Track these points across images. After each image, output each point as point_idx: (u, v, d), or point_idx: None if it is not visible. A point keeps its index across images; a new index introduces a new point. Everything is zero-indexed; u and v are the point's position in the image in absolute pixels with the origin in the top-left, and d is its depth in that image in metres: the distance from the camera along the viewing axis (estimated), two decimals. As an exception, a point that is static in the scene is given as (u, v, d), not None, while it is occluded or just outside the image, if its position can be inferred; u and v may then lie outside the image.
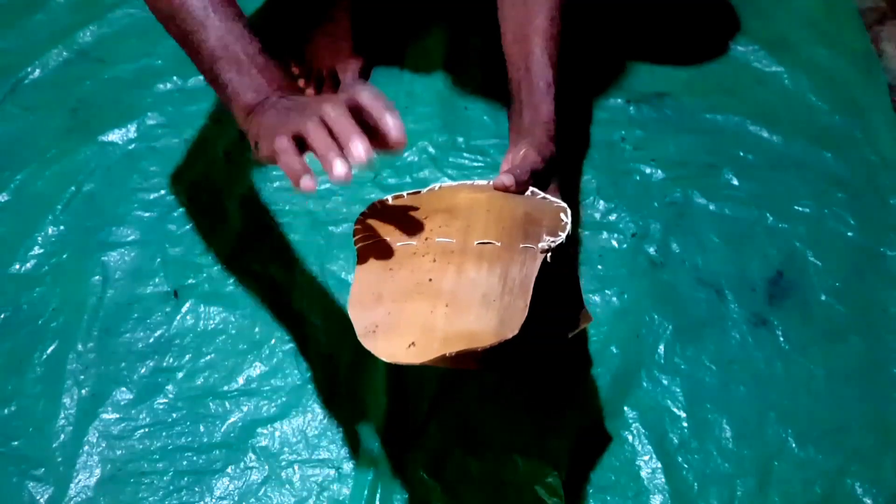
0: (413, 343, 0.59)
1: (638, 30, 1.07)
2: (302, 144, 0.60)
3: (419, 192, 0.72)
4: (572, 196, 0.93)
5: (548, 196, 0.71)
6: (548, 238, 0.64)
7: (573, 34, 0.86)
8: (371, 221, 0.68)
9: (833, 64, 1.04)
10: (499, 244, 0.64)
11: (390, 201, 0.70)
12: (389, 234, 0.67)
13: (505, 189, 0.70)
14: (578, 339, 0.82)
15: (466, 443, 0.78)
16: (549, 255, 0.63)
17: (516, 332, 0.58)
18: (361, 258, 0.66)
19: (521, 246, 0.64)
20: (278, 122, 0.63)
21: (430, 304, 0.61)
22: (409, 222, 0.67)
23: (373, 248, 0.66)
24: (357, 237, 0.67)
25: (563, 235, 0.64)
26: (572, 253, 0.84)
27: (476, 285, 0.61)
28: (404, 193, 0.71)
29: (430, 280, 0.63)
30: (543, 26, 0.81)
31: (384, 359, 0.59)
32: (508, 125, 0.83)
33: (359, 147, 0.57)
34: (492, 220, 0.66)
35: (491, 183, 0.71)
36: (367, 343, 0.60)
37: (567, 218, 0.67)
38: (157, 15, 0.72)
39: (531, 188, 0.72)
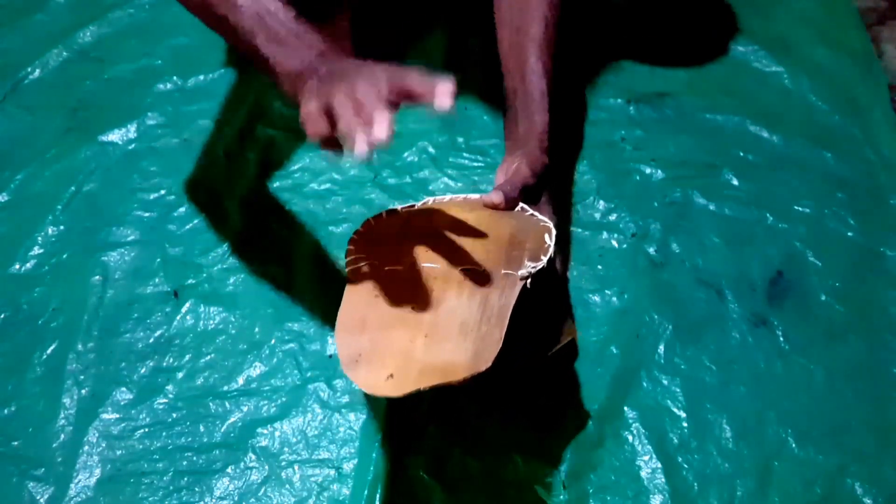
0: (391, 375, 0.59)
1: (638, 30, 1.07)
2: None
3: (413, 205, 0.72)
4: (571, 196, 0.93)
5: (536, 213, 0.71)
6: (529, 264, 0.64)
7: (573, 34, 0.86)
8: (362, 242, 0.68)
9: (833, 64, 1.04)
10: (481, 269, 0.64)
11: (384, 216, 0.70)
12: (378, 257, 0.67)
13: (494, 207, 0.70)
14: (579, 339, 0.82)
15: (466, 443, 0.78)
16: (528, 281, 0.63)
17: (490, 364, 0.58)
18: (350, 281, 0.66)
19: (503, 272, 0.64)
20: (317, 90, 0.63)
21: (411, 334, 0.61)
22: (396, 246, 0.67)
23: (361, 272, 0.66)
24: (348, 259, 0.67)
25: (544, 260, 0.64)
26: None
27: (455, 313, 0.61)
28: (398, 207, 0.71)
29: (413, 307, 0.62)
30: (539, 34, 0.81)
31: (364, 390, 0.59)
32: (504, 132, 0.83)
33: (381, 129, 0.56)
34: (477, 244, 0.66)
35: (481, 198, 0.71)
36: (350, 373, 0.60)
37: (551, 240, 0.66)
38: (187, 6, 0.72)
39: (520, 204, 0.71)
